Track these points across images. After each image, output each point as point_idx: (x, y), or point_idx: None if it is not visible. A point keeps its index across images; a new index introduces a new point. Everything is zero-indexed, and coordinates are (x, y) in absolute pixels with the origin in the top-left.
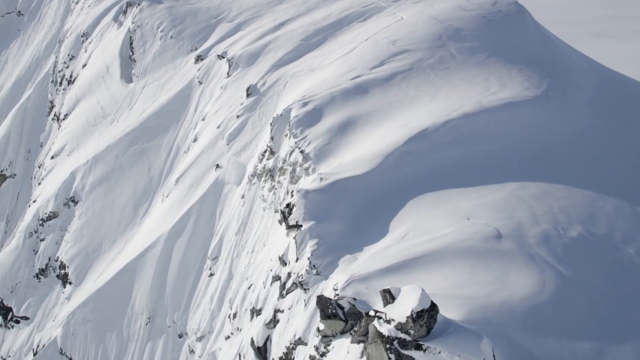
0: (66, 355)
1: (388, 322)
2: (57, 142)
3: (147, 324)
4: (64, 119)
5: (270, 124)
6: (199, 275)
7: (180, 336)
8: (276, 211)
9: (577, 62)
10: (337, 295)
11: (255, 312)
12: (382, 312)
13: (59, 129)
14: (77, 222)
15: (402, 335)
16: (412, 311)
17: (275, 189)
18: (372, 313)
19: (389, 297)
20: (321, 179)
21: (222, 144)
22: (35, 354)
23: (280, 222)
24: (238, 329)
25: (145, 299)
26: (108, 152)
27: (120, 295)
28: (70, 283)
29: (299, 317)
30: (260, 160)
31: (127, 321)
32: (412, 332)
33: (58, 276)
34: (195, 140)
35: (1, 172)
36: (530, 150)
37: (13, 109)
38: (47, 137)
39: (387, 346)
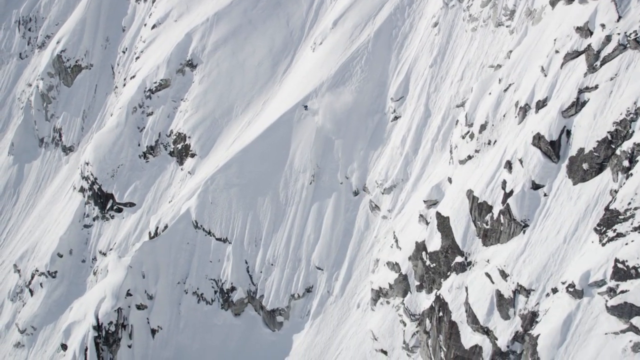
0: (202, 228)
1: None
2: (156, 11)
3: (311, 183)
4: None
5: None
6: (378, 121)
7: (356, 193)
8: (499, 24)
9: None
10: None
11: (534, 107)
12: None
13: (153, 3)
14: (197, 88)
15: None
16: None
17: None
18: None
19: None
20: None
21: None
22: (152, 236)
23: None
24: (489, 143)
25: (307, 154)
26: (233, 7)
27: (274, 153)
28: (192, 155)
29: None
30: None
31: (284, 182)
32: None
33: (172, 152)
34: None
35: (76, 62)
36: None
37: None
38: (130, 20)
39: None
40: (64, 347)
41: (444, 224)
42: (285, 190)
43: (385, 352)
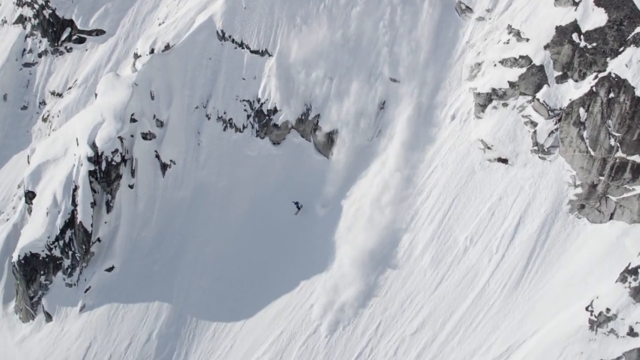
0: (232, 40)
1: None
2: None
3: None
4: None
5: None
6: None
7: None
8: None
9: None
10: None
11: None
12: None
13: None
14: None
15: None
16: None
17: None
18: None
19: None
20: None
21: None
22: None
23: None
24: None
25: None
26: None
27: None
28: None
29: None
30: None
31: None
32: None
33: None
34: None
35: None
36: None
37: None
38: None
39: None
40: (29, 195)
41: None
42: None
43: (504, 161)
